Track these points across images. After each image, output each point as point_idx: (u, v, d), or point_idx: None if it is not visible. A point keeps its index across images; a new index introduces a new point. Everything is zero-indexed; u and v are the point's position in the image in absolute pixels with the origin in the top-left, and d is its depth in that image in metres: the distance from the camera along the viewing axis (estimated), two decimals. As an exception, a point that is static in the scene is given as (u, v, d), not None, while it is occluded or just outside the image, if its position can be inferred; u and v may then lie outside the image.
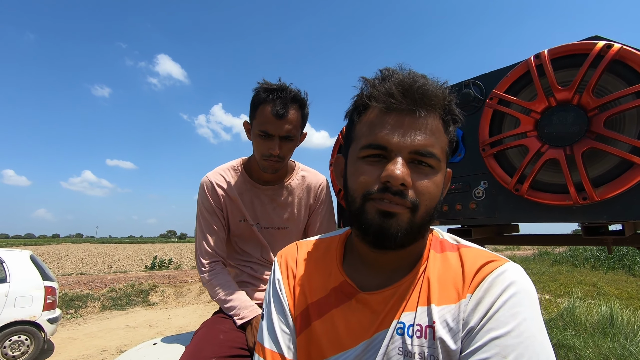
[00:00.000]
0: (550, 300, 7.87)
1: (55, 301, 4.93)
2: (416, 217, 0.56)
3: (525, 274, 0.56)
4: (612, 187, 0.84)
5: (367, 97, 0.60)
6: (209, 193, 1.33)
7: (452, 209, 1.13)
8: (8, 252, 4.91)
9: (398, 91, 0.56)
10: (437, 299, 0.56)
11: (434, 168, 0.57)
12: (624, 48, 0.83)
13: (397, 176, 0.53)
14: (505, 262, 0.57)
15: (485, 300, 0.53)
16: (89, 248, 43.11)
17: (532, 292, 0.54)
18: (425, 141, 0.56)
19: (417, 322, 0.56)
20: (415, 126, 0.56)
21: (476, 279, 0.56)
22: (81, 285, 9.43)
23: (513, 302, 0.52)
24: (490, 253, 0.60)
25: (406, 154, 0.55)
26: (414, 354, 0.55)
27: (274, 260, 0.73)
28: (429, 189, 0.56)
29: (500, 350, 0.49)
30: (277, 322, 0.66)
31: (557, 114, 0.91)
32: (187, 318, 7.47)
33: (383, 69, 0.61)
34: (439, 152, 0.57)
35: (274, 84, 1.24)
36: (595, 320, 5.08)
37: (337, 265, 0.67)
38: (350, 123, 0.65)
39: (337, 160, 0.70)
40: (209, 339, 1.06)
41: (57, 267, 18.13)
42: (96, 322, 7.21)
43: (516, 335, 0.49)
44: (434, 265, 0.61)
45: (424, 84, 0.57)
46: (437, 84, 0.59)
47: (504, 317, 0.51)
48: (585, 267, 12.44)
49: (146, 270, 15.68)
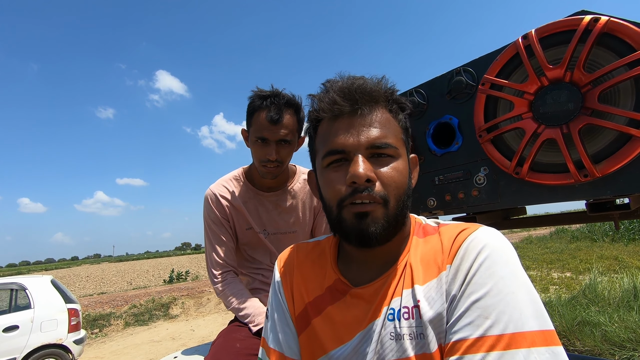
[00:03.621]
0: (572, 277, 7.75)
1: (79, 322, 5.04)
2: (389, 209, 0.58)
3: (499, 235, 0.58)
4: (612, 161, 0.83)
5: (316, 112, 0.64)
6: (213, 205, 1.35)
7: (455, 197, 1.12)
8: (30, 278, 5.04)
9: (340, 97, 0.60)
10: (421, 279, 0.59)
11: (393, 157, 0.60)
12: (611, 20, 0.82)
13: (360, 174, 0.56)
14: (477, 228, 0.59)
15: (462, 267, 0.55)
16: (108, 267, 43.81)
17: (507, 251, 0.55)
18: (378, 134, 0.59)
19: (403, 304, 0.58)
20: (364, 123, 0.60)
21: (453, 249, 0.58)
22: (103, 304, 9.61)
23: (488, 264, 0.53)
24: (465, 223, 0.62)
25: (363, 150, 0.59)
26: (403, 335, 0.56)
27: (275, 265, 0.76)
28: (394, 178, 0.59)
29: (482, 311, 0.50)
30: (278, 323, 0.69)
31: (550, 93, 0.90)
32: (208, 328, 7.56)
33: (325, 82, 0.65)
34: (394, 141, 0.60)
35: (267, 91, 1.25)
36: (618, 294, 4.98)
37: (332, 264, 0.70)
38: (310, 139, 0.69)
39: (310, 177, 0.74)
40: (226, 348, 1.08)
41: (78, 288, 18.48)
42: (121, 339, 7.34)
43: (495, 294, 0.50)
44: (416, 250, 0.63)
45: (360, 84, 0.61)
46: (375, 80, 0.63)
47: (481, 279, 0.52)
48: (605, 241, 12.19)
49: (165, 284, 15.90)
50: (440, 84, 1.16)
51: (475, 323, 0.49)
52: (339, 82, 0.63)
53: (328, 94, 0.62)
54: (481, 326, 0.49)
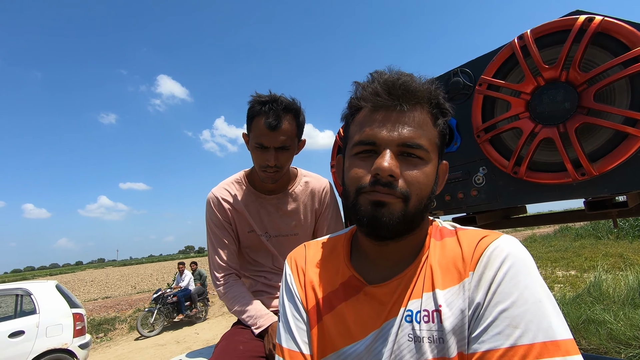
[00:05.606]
0: (576, 276, 7.71)
1: (84, 327, 5.06)
2: (408, 206, 0.58)
3: (520, 244, 0.58)
4: (609, 160, 0.83)
5: (357, 99, 0.64)
6: (215, 208, 1.36)
7: (454, 198, 1.13)
8: (35, 284, 5.07)
9: (383, 90, 0.60)
10: (440, 284, 0.58)
11: (423, 159, 0.59)
12: (605, 20, 0.83)
13: (385, 168, 0.56)
14: (499, 236, 0.59)
15: (485, 275, 0.55)
16: (112, 272, 43.93)
17: (529, 260, 0.55)
18: (412, 134, 0.58)
19: (423, 307, 0.58)
20: (401, 120, 0.59)
21: (475, 256, 0.57)
22: (108, 308, 9.64)
23: (512, 273, 0.53)
24: (485, 230, 0.62)
25: (394, 147, 0.58)
26: (422, 338, 0.56)
27: (285, 262, 0.76)
28: (418, 179, 0.58)
29: (510, 321, 0.50)
30: (292, 320, 0.68)
31: (546, 93, 0.91)
32: (213, 331, 7.57)
33: (373, 72, 0.65)
34: (427, 144, 0.60)
35: (266, 96, 1.25)
36: (624, 291, 4.95)
37: (345, 261, 0.69)
38: (345, 125, 0.69)
39: (338, 161, 0.74)
40: (229, 351, 1.08)
41: (83, 293, 18.54)
42: (126, 343, 7.36)
43: (521, 304, 0.50)
44: (434, 253, 0.62)
45: (406, 81, 0.60)
46: (422, 80, 0.62)
47: (507, 289, 0.52)
48: (610, 239, 12.11)
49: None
50: (437, 85, 1.17)
51: (505, 333, 0.49)
52: (386, 74, 0.62)
53: (372, 84, 0.61)
54: (511, 336, 0.49)
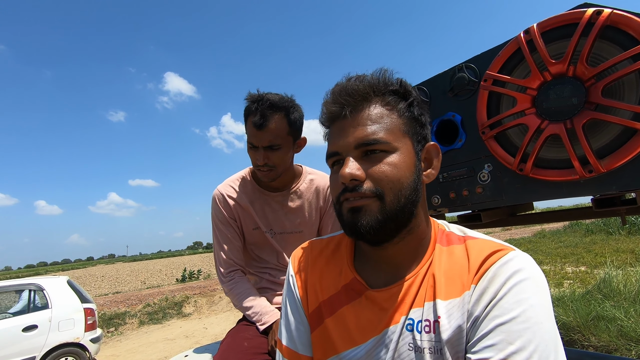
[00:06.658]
0: (586, 272, 7.61)
1: (95, 322, 5.16)
2: (385, 203, 0.57)
3: (533, 262, 0.56)
4: (617, 156, 0.82)
5: (321, 121, 0.67)
6: (221, 205, 1.37)
7: (459, 195, 1.12)
8: (47, 279, 5.18)
9: (331, 102, 0.63)
10: (443, 294, 0.57)
11: (387, 151, 0.59)
12: (614, 12, 0.80)
13: (345, 174, 0.57)
14: (511, 251, 0.57)
15: (489, 289, 0.53)
16: (122, 267, 44.65)
17: (540, 280, 0.53)
18: (365, 132, 0.59)
19: (425, 317, 0.57)
20: (353, 124, 0.60)
21: (481, 270, 0.56)
22: (118, 303, 9.81)
23: (518, 289, 0.51)
24: (497, 242, 0.60)
25: (353, 151, 0.59)
26: (423, 349, 0.56)
27: (289, 261, 0.76)
28: (386, 173, 0.58)
29: (506, 336, 0.48)
30: (292, 320, 0.69)
31: (553, 88, 0.89)
32: (221, 326, 7.66)
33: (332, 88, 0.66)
34: (386, 135, 0.59)
35: (255, 95, 1.22)
36: (635, 288, 4.87)
37: (348, 262, 0.69)
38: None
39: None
40: (234, 347, 1.10)
41: (94, 288, 18.90)
42: (136, 337, 7.49)
43: (522, 321, 0.49)
44: (439, 260, 0.61)
45: (349, 86, 0.61)
46: (365, 77, 0.63)
47: (509, 304, 0.51)
48: (621, 234, 11.91)
49: (177, 282, 16.14)
50: (442, 81, 1.15)
51: (498, 347, 0.48)
52: (336, 86, 0.64)
53: (325, 101, 0.64)
54: (504, 350, 0.48)
